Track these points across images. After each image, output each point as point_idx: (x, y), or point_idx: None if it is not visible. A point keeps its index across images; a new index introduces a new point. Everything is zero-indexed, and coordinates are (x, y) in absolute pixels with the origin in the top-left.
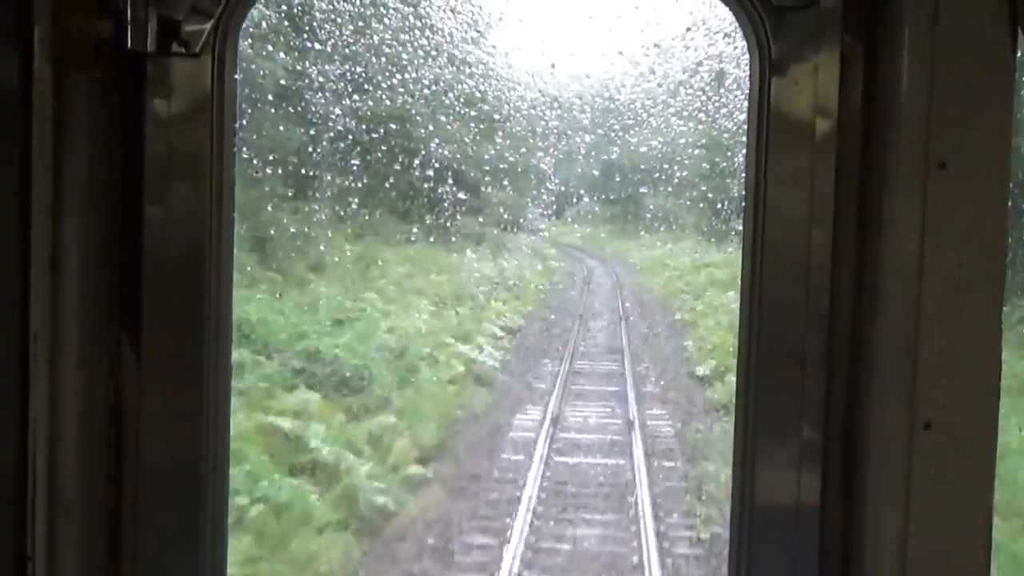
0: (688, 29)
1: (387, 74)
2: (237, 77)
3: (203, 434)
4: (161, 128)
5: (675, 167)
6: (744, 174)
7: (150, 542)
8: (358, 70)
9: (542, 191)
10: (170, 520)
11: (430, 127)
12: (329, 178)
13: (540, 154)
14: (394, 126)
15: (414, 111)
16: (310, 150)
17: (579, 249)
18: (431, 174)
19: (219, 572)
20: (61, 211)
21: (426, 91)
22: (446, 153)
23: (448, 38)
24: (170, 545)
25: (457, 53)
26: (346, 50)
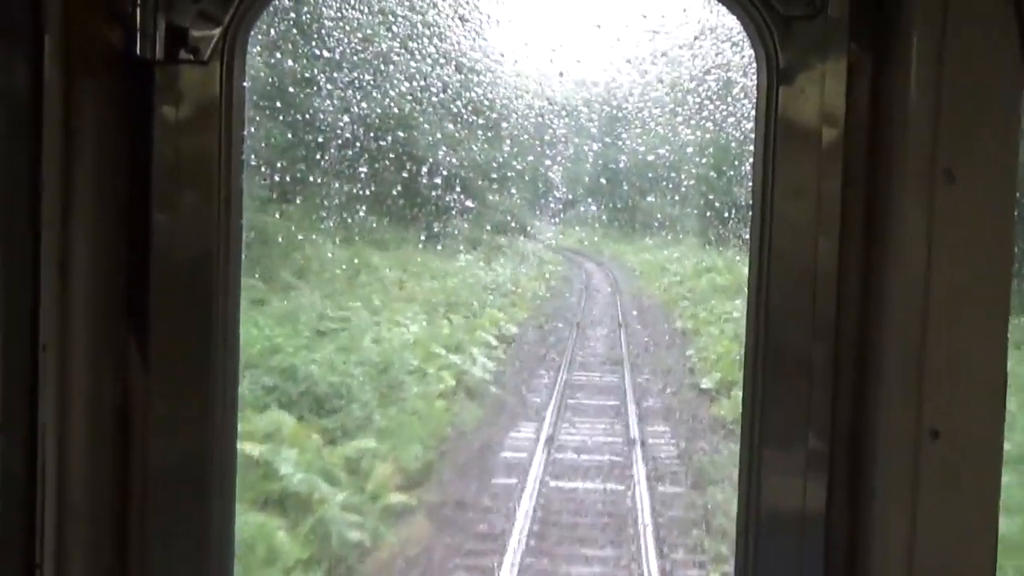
0: (696, 38)
1: (395, 81)
2: (246, 84)
3: (210, 438)
4: (169, 135)
5: (682, 175)
6: (751, 182)
7: (157, 546)
8: (366, 77)
9: (549, 199)
10: (177, 524)
11: (437, 135)
12: (314, 179)
13: (548, 162)
14: (402, 134)
15: (422, 119)
16: (305, 153)
17: (578, 253)
18: (439, 182)
19: None
20: (70, 217)
21: (434, 99)
22: (454, 161)
23: (456, 46)
24: (177, 549)
25: (465, 61)
26: (354, 57)
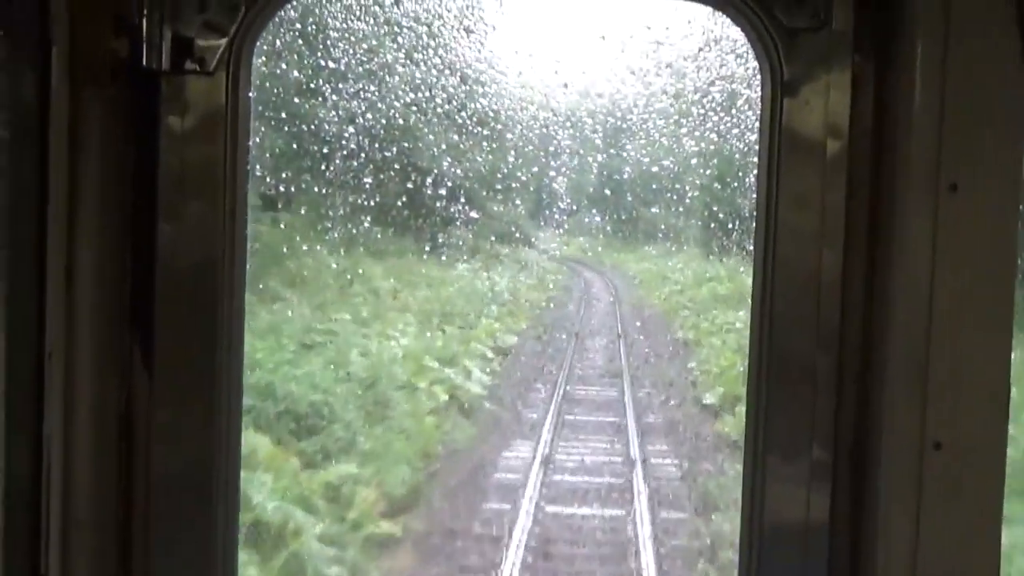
0: (700, 49)
1: (400, 92)
2: (251, 95)
3: (214, 446)
4: (175, 144)
5: (686, 186)
6: (755, 192)
7: (161, 553)
8: (371, 88)
9: (554, 210)
10: (181, 531)
11: (442, 145)
12: (308, 188)
13: (552, 172)
14: (407, 144)
15: (426, 129)
16: (308, 163)
17: (578, 262)
18: (443, 192)
19: None
20: (76, 225)
21: (439, 109)
22: (458, 172)
23: (461, 57)
24: (181, 557)
25: (470, 72)
26: (359, 68)
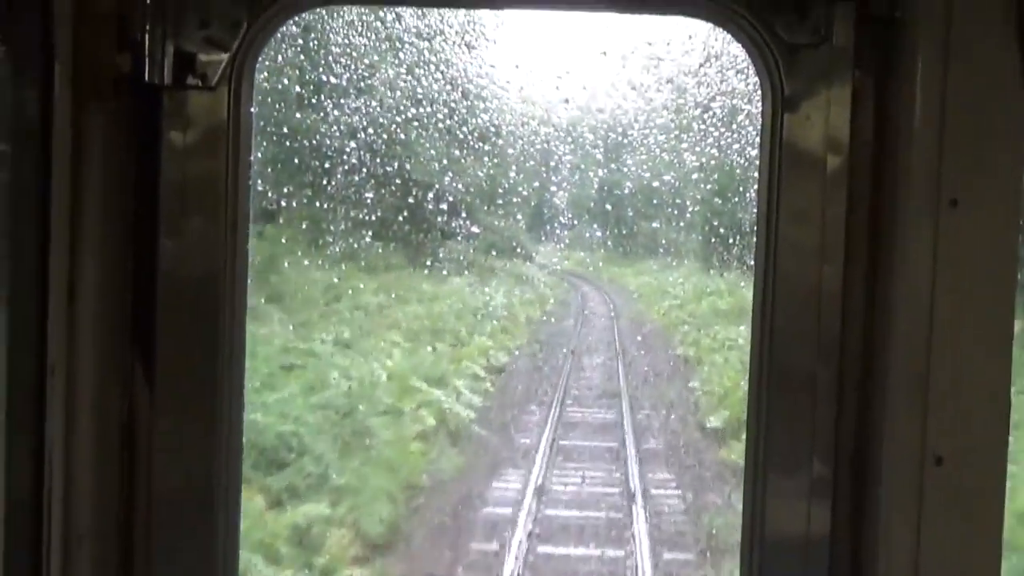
0: (701, 65)
1: (402, 108)
2: (253, 110)
3: (215, 458)
4: (177, 159)
5: (686, 200)
6: (756, 207)
7: (162, 563)
8: (372, 103)
9: (555, 225)
10: (182, 541)
11: (443, 160)
12: (298, 201)
13: (553, 188)
14: (408, 159)
15: (428, 145)
16: (315, 178)
17: (577, 276)
18: (444, 207)
19: None
20: (78, 239)
21: (440, 125)
22: (459, 186)
23: (462, 72)
24: (182, 566)
25: (471, 88)
26: (361, 84)
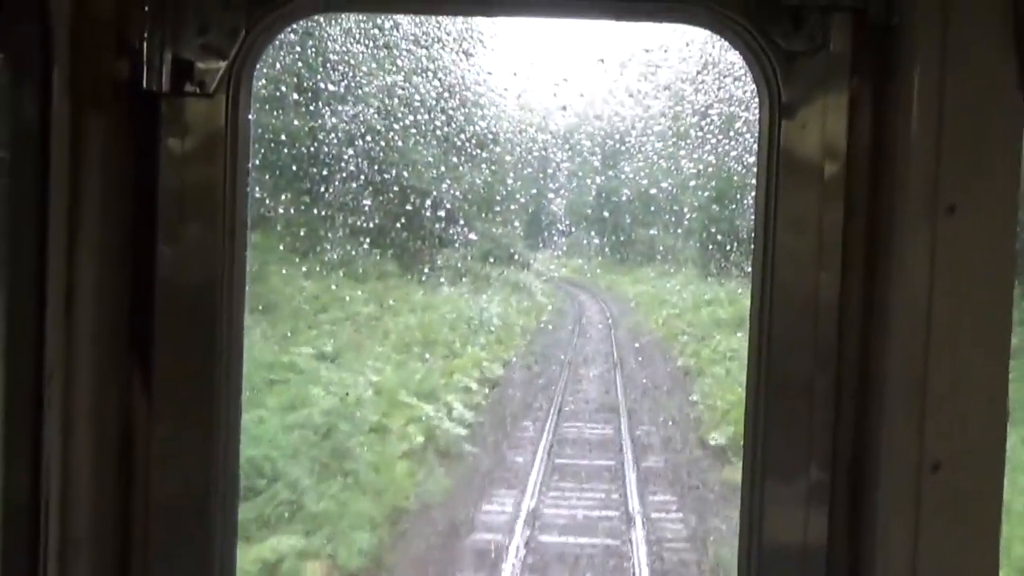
0: (698, 72)
1: (400, 115)
2: (251, 117)
3: (213, 465)
4: (175, 166)
5: (684, 208)
6: (753, 214)
7: (159, 571)
8: (370, 110)
9: (553, 232)
10: (179, 548)
11: (441, 167)
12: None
13: (551, 195)
14: (406, 166)
15: (426, 152)
16: (313, 185)
17: (573, 284)
18: (441, 214)
19: None
20: (76, 246)
21: (438, 132)
22: (457, 194)
23: (460, 80)
24: (180, 574)
25: (469, 95)
26: (359, 91)
